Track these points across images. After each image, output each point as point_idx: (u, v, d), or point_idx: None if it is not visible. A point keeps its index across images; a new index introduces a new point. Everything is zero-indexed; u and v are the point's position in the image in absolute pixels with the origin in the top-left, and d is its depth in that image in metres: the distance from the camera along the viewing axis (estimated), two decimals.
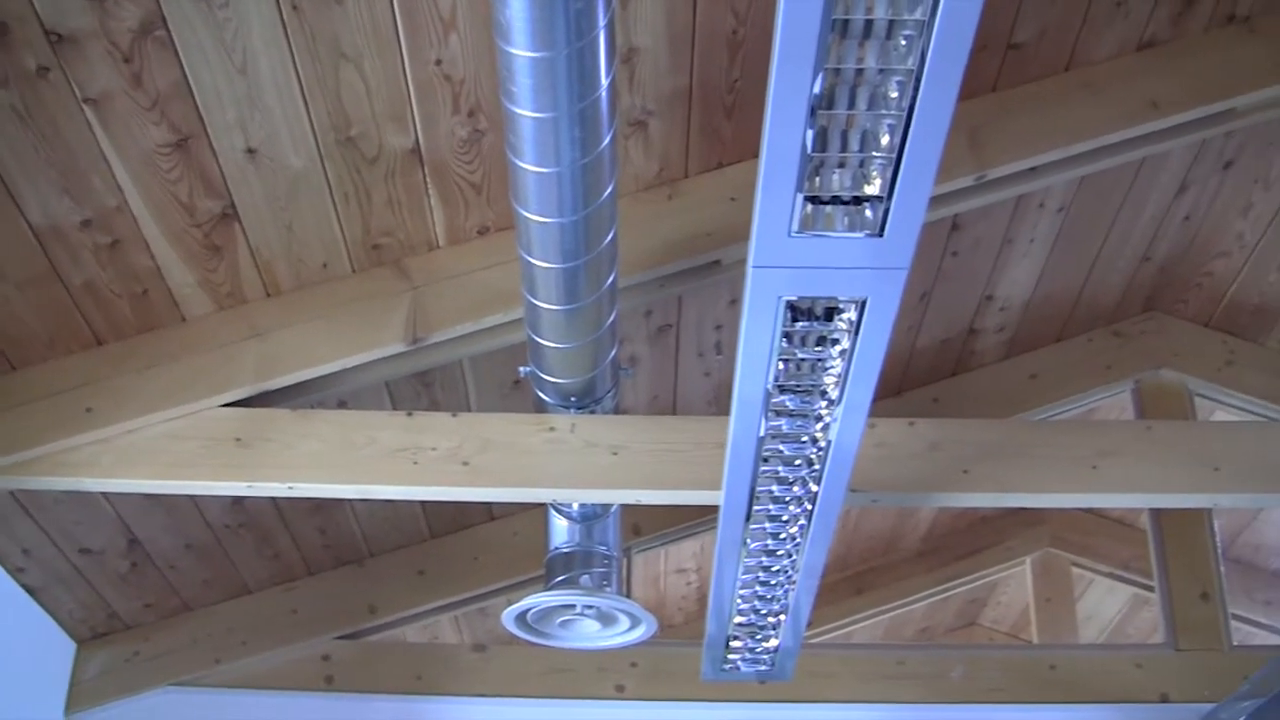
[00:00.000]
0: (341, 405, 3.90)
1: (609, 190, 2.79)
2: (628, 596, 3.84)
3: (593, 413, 3.49)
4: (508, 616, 3.68)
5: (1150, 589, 5.65)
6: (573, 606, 3.71)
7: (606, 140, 2.64)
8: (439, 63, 3.12)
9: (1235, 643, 4.81)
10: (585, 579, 3.75)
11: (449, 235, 3.58)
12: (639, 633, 3.83)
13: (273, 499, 4.24)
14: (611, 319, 3.21)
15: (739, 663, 3.93)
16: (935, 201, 2.30)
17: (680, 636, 5.99)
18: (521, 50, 2.37)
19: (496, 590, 4.79)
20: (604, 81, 2.50)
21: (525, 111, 2.50)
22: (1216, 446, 3.56)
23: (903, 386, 4.95)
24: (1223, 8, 3.86)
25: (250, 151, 3.19)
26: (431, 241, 3.58)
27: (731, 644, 3.80)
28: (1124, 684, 4.66)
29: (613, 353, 3.35)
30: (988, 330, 4.86)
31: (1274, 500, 3.66)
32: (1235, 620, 5.66)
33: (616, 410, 3.59)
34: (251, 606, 4.68)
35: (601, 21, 2.39)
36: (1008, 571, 6.79)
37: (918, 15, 1.89)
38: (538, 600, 3.66)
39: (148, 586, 4.45)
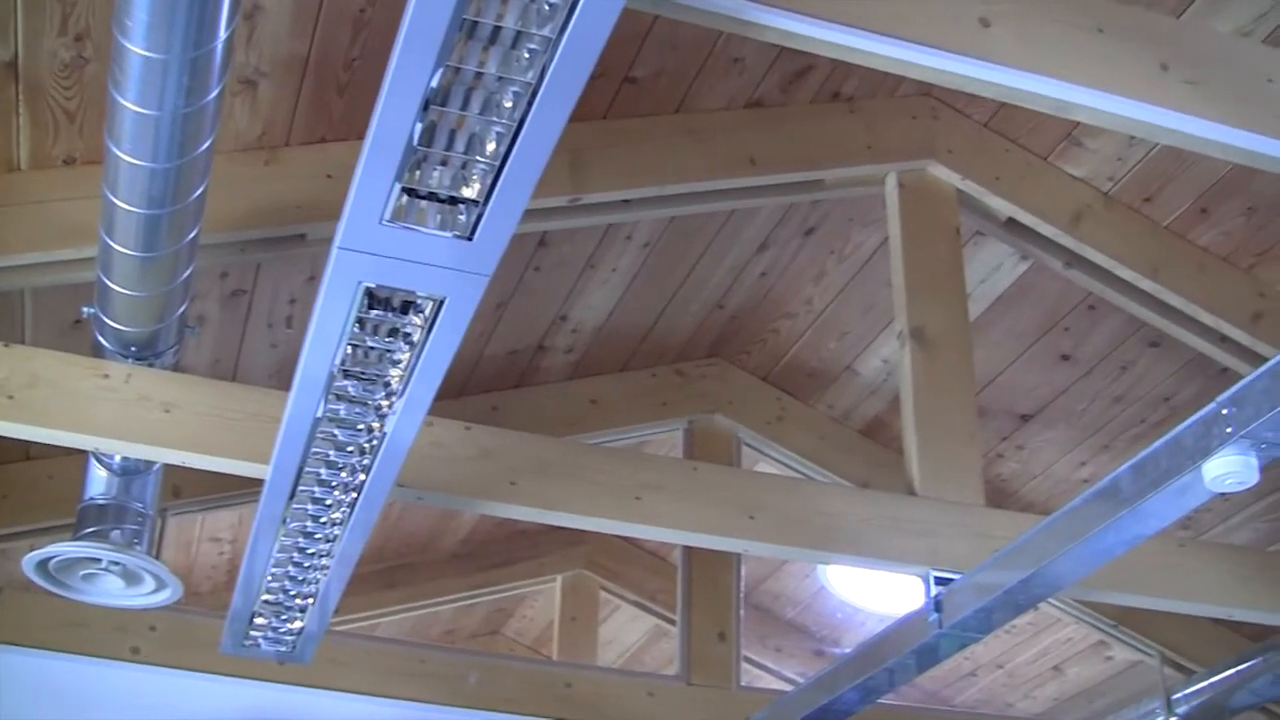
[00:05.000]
0: None
1: (207, 144, 2.73)
2: (157, 558, 3.76)
3: (151, 365, 3.40)
4: (28, 562, 3.56)
5: (672, 622, 5.83)
6: (98, 560, 3.61)
7: (214, 93, 2.59)
8: None
9: (743, 682, 5.01)
10: (116, 534, 3.66)
11: (33, 159, 3.45)
12: (163, 596, 3.76)
13: None
14: (187, 274, 3.14)
15: (261, 640, 3.89)
16: (527, 215, 2.34)
17: (205, 606, 5.86)
18: None
19: (21, 533, 4.59)
20: (222, 33, 2.46)
21: (136, 48, 2.43)
22: (754, 495, 3.68)
23: (465, 390, 4.98)
24: (830, 85, 4.04)
25: None
26: (12, 162, 3.44)
27: (256, 621, 3.75)
28: (634, 710, 4.79)
29: (182, 308, 3.28)
30: (557, 349, 4.94)
31: (799, 553, 3.81)
32: (746, 662, 5.88)
33: (176, 367, 3.51)
34: None
35: None
36: (538, 586, 6.87)
37: (546, 31, 1.92)
38: (62, 549, 3.55)
39: None
